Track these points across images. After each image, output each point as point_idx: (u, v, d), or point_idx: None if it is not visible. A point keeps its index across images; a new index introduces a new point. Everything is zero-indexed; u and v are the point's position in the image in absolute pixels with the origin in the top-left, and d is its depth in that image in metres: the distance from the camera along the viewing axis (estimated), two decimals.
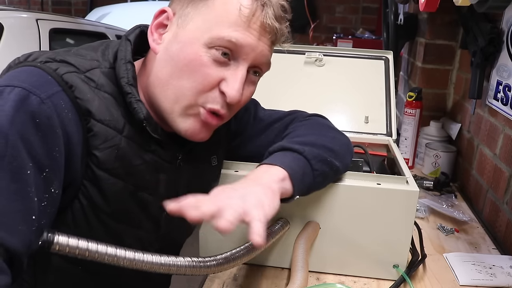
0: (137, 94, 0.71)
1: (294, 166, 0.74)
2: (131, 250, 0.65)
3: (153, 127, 0.73)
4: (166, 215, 0.80)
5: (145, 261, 0.65)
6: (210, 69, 0.68)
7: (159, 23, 0.73)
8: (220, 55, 0.68)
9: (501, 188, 1.15)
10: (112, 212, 0.73)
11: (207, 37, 0.68)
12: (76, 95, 0.66)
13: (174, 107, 0.71)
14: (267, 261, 0.93)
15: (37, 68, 0.65)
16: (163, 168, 0.77)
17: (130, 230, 0.77)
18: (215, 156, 0.88)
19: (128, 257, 0.64)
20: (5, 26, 1.95)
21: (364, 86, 1.31)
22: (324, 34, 4.33)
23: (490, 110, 1.27)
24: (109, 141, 0.69)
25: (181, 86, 0.69)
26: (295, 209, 0.88)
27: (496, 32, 1.20)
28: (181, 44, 0.69)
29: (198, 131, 0.73)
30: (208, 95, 0.70)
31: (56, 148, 0.62)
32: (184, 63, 0.68)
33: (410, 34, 1.88)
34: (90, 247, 0.62)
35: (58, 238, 0.61)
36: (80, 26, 2.50)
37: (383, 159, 1.17)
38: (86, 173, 0.69)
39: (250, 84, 0.75)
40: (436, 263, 0.98)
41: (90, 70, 0.69)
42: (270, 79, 1.34)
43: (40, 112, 0.60)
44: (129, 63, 0.71)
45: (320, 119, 0.94)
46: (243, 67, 0.70)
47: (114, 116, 0.69)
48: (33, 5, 5.14)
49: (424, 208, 1.23)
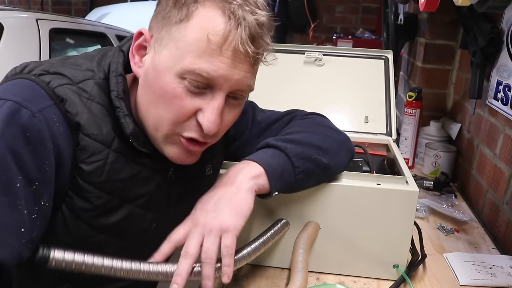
0: (125, 109, 0.70)
1: (273, 162, 0.75)
2: (127, 260, 0.65)
3: (141, 142, 0.72)
4: (156, 226, 0.80)
5: (142, 270, 0.65)
6: (184, 100, 0.66)
7: (138, 45, 0.71)
8: (193, 86, 0.66)
9: (501, 188, 1.15)
10: (94, 224, 0.72)
11: (179, 67, 0.65)
12: (67, 109, 0.66)
13: (155, 134, 0.71)
14: (267, 261, 0.93)
15: (31, 81, 0.66)
16: (154, 180, 0.77)
17: (112, 241, 0.76)
18: (209, 165, 0.87)
19: (125, 268, 0.64)
20: (5, 26, 1.95)
21: (364, 85, 1.31)
22: (324, 34, 4.32)
23: (490, 110, 1.27)
24: (96, 155, 0.68)
25: (158, 115, 0.68)
26: (295, 210, 0.88)
27: (496, 32, 1.20)
28: (156, 73, 0.67)
29: (183, 157, 0.73)
30: (185, 124, 0.69)
31: (46, 161, 0.62)
32: (159, 93, 0.67)
33: (410, 34, 1.88)
34: (86, 261, 0.62)
35: (54, 254, 0.61)
36: (80, 26, 2.49)
37: (383, 159, 1.17)
38: (72, 185, 0.68)
39: (232, 108, 0.72)
40: (436, 263, 0.98)
41: (83, 81, 0.69)
42: (270, 79, 1.34)
43: (31, 125, 0.61)
44: (120, 76, 0.71)
45: (318, 118, 0.94)
46: (219, 96, 0.67)
47: (103, 129, 0.69)
48: (33, 5, 5.14)
49: (424, 208, 1.23)
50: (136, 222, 0.77)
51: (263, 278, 0.90)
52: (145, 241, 0.80)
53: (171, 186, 0.80)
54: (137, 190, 0.75)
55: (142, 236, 0.79)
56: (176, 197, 0.82)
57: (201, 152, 0.75)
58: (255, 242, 0.79)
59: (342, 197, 0.86)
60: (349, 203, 0.86)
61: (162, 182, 0.78)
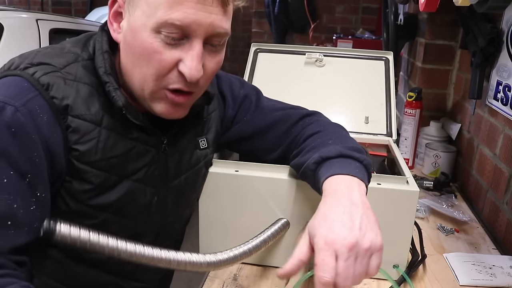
0: (115, 83, 0.72)
1: (363, 176, 0.75)
2: (132, 243, 0.66)
3: (134, 114, 0.73)
4: (157, 200, 0.81)
5: (145, 255, 0.66)
6: (163, 54, 0.67)
7: (114, 12, 0.72)
8: (170, 39, 0.66)
9: (501, 188, 1.15)
10: (96, 204, 0.74)
11: (152, 22, 0.66)
12: (52, 95, 0.68)
13: (142, 94, 0.72)
14: (267, 261, 0.93)
15: (16, 77, 0.68)
16: (148, 154, 0.78)
17: (115, 219, 0.77)
18: (204, 139, 0.88)
19: (129, 250, 0.65)
20: (5, 26, 1.95)
21: (364, 86, 1.31)
22: (324, 34, 4.32)
23: (490, 110, 1.27)
24: (87, 135, 0.70)
25: (142, 74, 0.70)
26: (295, 209, 0.88)
27: (496, 32, 1.20)
28: (133, 33, 0.68)
29: (172, 111, 0.73)
30: (168, 77, 0.70)
31: (34, 153, 0.64)
32: (139, 51, 0.68)
33: (410, 34, 1.88)
34: (91, 238, 0.63)
35: (60, 228, 0.62)
36: (80, 26, 2.50)
37: (383, 159, 1.17)
38: (68, 168, 0.70)
39: (213, 55, 0.72)
40: (436, 263, 0.98)
41: (67, 66, 0.71)
42: (270, 79, 1.34)
43: (15, 120, 0.63)
44: (106, 52, 0.72)
45: (335, 125, 0.93)
46: (196, 44, 0.68)
47: (92, 108, 0.71)
48: (33, 5, 5.14)
49: (424, 208, 1.23)
50: (136, 198, 0.78)
51: (263, 278, 0.90)
52: (148, 217, 0.82)
53: (166, 159, 0.81)
54: (133, 165, 0.76)
55: (144, 212, 0.81)
56: (174, 170, 0.83)
57: (189, 104, 0.76)
58: (256, 240, 0.79)
59: None
60: None
61: (158, 155, 0.79)
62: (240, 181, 0.89)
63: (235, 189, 0.90)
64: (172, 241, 0.92)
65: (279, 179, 0.87)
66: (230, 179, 0.89)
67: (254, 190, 0.88)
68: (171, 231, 0.90)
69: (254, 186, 0.88)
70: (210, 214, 0.92)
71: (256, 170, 0.90)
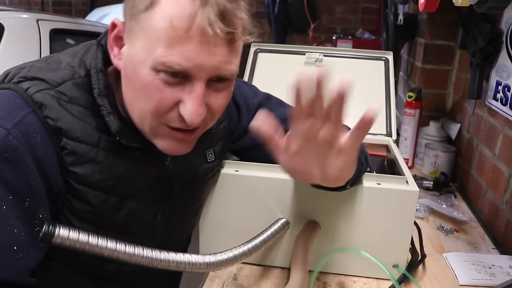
0: (109, 106, 0.68)
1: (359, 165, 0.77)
2: (131, 245, 0.66)
3: (130, 138, 0.70)
4: (161, 217, 0.80)
5: (144, 256, 0.66)
6: (163, 92, 0.62)
7: (115, 37, 0.67)
8: (170, 77, 0.61)
9: (500, 188, 1.16)
10: (99, 223, 0.72)
11: (151, 61, 0.60)
12: (46, 114, 0.64)
13: (143, 128, 0.68)
14: (267, 261, 0.93)
15: (9, 90, 0.65)
16: (150, 174, 0.75)
17: (119, 236, 0.74)
18: (212, 151, 0.86)
19: (128, 252, 0.65)
20: (5, 27, 1.95)
21: (364, 86, 1.31)
22: (324, 34, 4.32)
23: (489, 110, 1.27)
24: (84, 157, 0.67)
25: (141, 108, 0.65)
26: (295, 209, 0.88)
27: (495, 33, 1.20)
28: (133, 66, 0.63)
29: (175, 147, 0.69)
30: (168, 115, 0.65)
31: (30, 177, 0.62)
32: (139, 87, 0.63)
33: (410, 35, 1.88)
34: (90, 241, 0.63)
35: (59, 231, 0.62)
36: (81, 27, 2.50)
37: (383, 159, 1.18)
38: (67, 189, 0.68)
39: (219, 91, 0.66)
40: (435, 263, 0.98)
41: (61, 84, 0.67)
42: (270, 79, 1.34)
43: (6, 145, 0.60)
44: (100, 72, 0.68)
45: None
46: (198, 86, 0.62)
47: (87, 130, 0.67)
48: (34, 6, 5.14)
49: (423, 208, 1.24)
50: (140, 217, 0.77)
51: (263, 278, 0.90)
52: (152, 232, 0.80)
53: (170, 177, 0.79)
54: (135, 184, 0.74)
55: (149, 229, 0.79)
56: (179, 186, 0.81)
57: (194, 139, 0.71)
58: (256, 239, 0.79)
59: (342, 197, 0.86)
60: (350, 203, 0.86)
61: (161, 173, 0.77)
62: (240, 181, 0.89)
63: (235, 189, 0.90)
64: (179, 248, 0.92)
65: (279, 179, 0.87)
66: (230, 179, 0.90)
67: (254, 190, 0.89)
68: (177, 240, 0.90)
69: (254, 186, 0.89)
70: (210, 214, 0.93)
71: (256, 170, 0.90)
